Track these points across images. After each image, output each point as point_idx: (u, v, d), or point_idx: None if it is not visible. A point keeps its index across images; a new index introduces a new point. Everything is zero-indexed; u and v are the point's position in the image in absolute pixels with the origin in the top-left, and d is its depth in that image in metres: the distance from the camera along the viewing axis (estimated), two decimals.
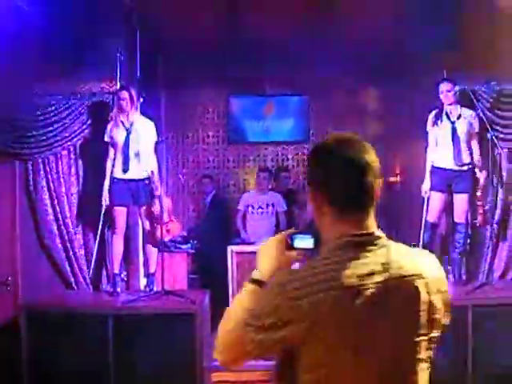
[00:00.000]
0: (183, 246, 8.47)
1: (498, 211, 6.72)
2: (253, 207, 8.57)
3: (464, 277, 6.76)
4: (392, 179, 8.95)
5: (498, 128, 6.76)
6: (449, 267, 6.74)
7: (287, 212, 8.66)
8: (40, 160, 6.79)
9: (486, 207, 6.64)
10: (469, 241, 6.73)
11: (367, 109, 9.65)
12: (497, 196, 6.70)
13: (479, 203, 6.56)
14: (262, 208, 8.54)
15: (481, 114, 6.64)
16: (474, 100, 6.74)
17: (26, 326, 5.69)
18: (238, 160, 9.98)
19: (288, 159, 9.97)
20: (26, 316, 5.72)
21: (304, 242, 2.12)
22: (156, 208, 6.38)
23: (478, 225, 6.72)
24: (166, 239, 7.11)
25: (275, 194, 8.67)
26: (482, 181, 6.50)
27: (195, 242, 8.62)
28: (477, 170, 6.47)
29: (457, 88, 6.52)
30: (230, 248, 7.12)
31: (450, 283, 6.63)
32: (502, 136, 6.77)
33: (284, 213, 8.59)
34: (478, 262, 6.94)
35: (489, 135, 6.54)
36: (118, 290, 6.51)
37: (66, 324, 5.65)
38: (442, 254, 7.14)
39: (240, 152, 9.98)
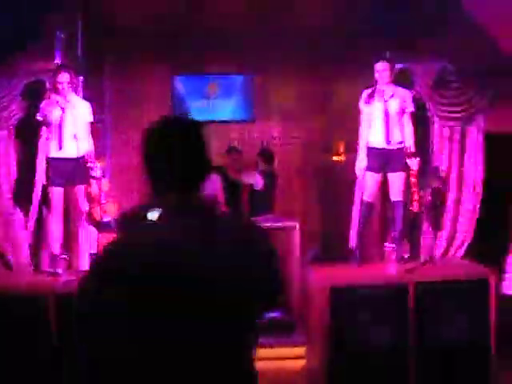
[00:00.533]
0: None
1: (431, 197, 6.74)
2: None
3: (406, 255, 6.78)
4: (336, 158, 9.00)
5: (439, 107, 6.81)
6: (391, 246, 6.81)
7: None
8: None
9: (421, 193, 6.61)
10: (409, 217, 6.76)
11: (312, 88, 9.63)
12: (432, 181, 6.73)
13: (414, 189, 6.51)
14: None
15: (420, 94, 6.68)
16: (414, 79, 6.78)
17: None
18: None
19: (233, 139, 9.86)
20: None
21: (156, 214, 2.22)
22: (93, 188, 6.32)
23: (413, 211, 6.63)
24: (107, 219, 7.03)
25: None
26: (415, 167, 6.42)
27: None
28: (410, 158, 6.41)
29: (398, 66, 6.53)
30: None
31: (392, 261, 6.68)
32: (443, 115, 6.83)
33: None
34: (420, 240, 7.01)
35: (429, 114, 6.60)
36: (59, 270, 6.44)
37: (5, 304, 5.58)
38: (381, 233, 7.20)
39: None
